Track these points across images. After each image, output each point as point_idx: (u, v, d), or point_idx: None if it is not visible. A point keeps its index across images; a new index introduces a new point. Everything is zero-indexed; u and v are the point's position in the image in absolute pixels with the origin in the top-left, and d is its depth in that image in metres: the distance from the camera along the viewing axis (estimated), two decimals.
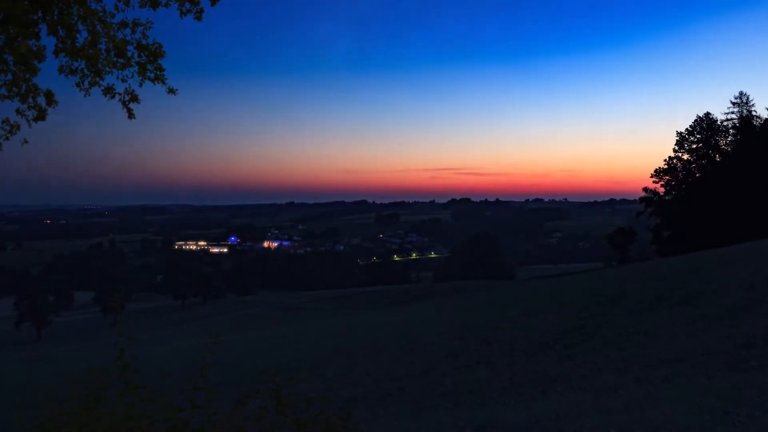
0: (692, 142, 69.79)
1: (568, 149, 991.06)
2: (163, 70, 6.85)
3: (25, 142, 7.88)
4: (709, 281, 17.26)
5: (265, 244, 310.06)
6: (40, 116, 7.44)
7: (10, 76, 7.00)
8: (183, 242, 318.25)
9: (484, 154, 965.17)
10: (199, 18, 6.78)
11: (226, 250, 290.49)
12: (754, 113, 68.53)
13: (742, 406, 6.08)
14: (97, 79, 6.84)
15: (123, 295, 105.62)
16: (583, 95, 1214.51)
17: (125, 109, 7.04)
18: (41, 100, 7.35)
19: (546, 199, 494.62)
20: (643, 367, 9.45)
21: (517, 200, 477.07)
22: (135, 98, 7.04)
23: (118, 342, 5.59)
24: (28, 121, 7.50)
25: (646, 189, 72.67)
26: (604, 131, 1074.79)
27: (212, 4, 6.58)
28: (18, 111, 7.42)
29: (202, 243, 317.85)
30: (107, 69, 6.70)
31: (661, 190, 71.45)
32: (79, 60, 6.67)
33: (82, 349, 50.03)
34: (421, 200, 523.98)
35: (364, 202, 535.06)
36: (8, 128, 7.63)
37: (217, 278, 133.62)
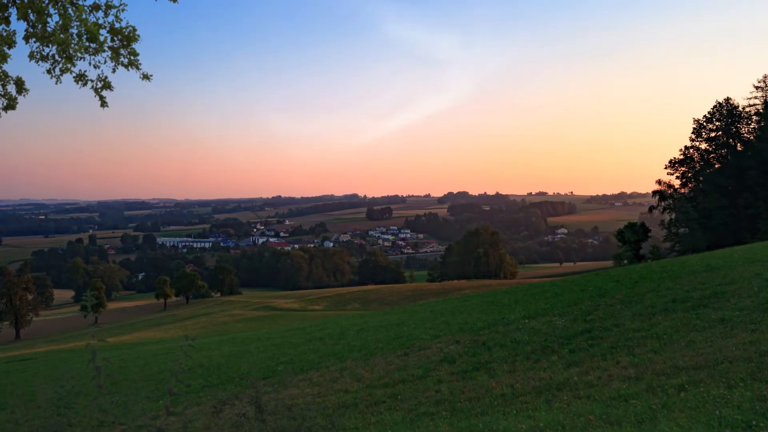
0: (711, 130, 69.08)
1: (574, 139, 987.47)
2: (137, 54, 6.80)
3: None
4: (729, 282, 17.23)
5: (251, 241, 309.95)
6: (11, 105, 7.39)
7: None
8: (165, 238, 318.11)
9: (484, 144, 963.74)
10: None
11: (209, 246, 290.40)
12: None
13: (767, 419, 6.03)
14: (69, 65, 6.79)
15: (98, 293, 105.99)
16: (588, 82, 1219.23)
17: (97, 97, 6.98)
18: (11, 89, 7.30)
19: (550, 192, 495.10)
20: (656, 375, 9.42)
21: (518, 193, 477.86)
22: (108, 85, 6.97)
23: (89, 344, 5.54)
24: None
25: (659, 182, 72.43)
26: (613, 119, 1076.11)
27: None
28: None
29: (184, 239, 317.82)
30: (79, 54, 6.64)
31: (676, 182, 71.21)
32: (50, 45, 6.62)
33: (61, 350, 50.10)
34: (415, 194, 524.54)
35: (354, 195, 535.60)
36: None
37: (200, 276, 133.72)
